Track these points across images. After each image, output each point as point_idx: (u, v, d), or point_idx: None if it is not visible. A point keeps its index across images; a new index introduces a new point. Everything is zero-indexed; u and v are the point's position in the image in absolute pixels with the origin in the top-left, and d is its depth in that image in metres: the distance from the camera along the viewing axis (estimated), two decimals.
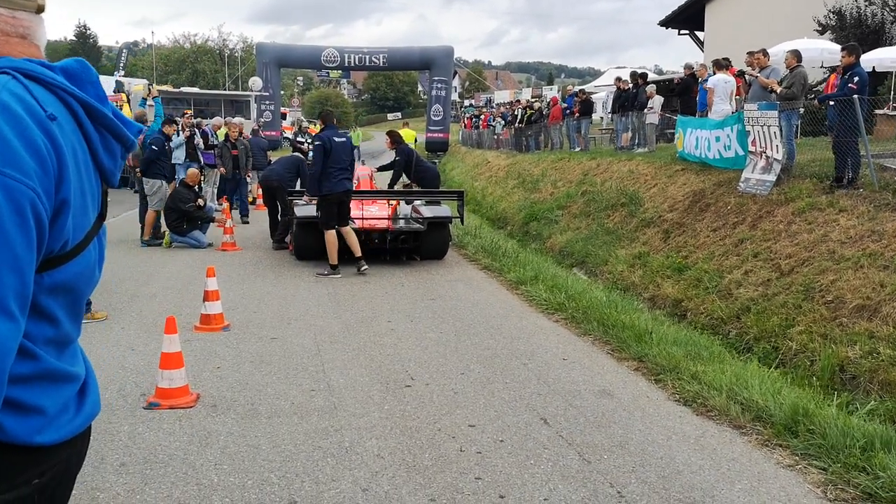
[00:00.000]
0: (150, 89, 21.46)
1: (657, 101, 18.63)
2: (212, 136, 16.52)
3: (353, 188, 10.41)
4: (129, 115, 23.20)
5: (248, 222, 15.09)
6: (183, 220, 12.16)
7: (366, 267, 10.08)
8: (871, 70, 15.85)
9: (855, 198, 9.62)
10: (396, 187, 12.74)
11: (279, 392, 5.42)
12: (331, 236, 9.93)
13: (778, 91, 11.54)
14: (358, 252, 10.06)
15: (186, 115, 16.64)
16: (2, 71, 1.34)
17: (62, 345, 1.46)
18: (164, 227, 12.54)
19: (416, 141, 23.75)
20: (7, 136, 1.25)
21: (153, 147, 12.54)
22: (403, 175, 12.79)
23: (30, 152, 1.27)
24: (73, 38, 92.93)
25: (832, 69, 14.85)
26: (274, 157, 18.01)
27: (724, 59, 15.72)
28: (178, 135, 16.45)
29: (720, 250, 10.71)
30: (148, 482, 3.96)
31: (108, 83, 36.07)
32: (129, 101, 28.36)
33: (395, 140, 12.70)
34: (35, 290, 1.31)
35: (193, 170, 12.51)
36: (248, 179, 16.01)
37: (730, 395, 5.21)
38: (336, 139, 9.93)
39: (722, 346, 7.84)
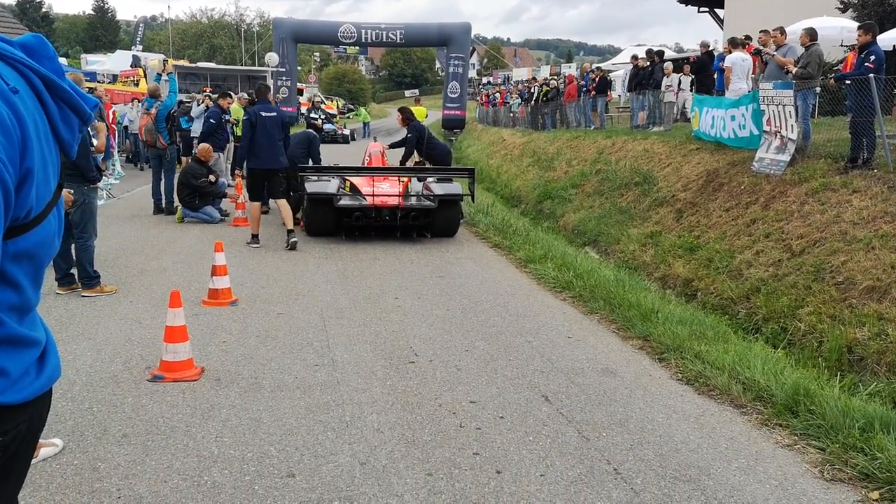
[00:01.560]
0: (164, 65, 21.55)
1: (675, 80, 18.44)
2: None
3: (282, 164, 10.29)
4: (145, 90, 23.31)
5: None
6: (195, 196, 12.22)
7: (295, 240, 10.13)
8: (892, 49, 15.61)
9: (869, 178, 9.51)
10: (407, 165, 12.72)
11: (283, 366, 5.47)
12: (253, 208, 10.35)
13: (793, 71, 11.39)
14: (290, 224, 10.23)
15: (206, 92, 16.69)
16: None
17: (24, 311, 1.51)
18: (176, 202, 12.61)
19: (426, 117, 23.63)
20: None
21: (210, 120, 12.97)
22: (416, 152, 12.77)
23: None
24: (92, 13, 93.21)
25: (852, 48, 14.63)
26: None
27: (745, 37, 15.54)
28: (198, 105, 16.51)
29: (732, 230, 10.65)
30: (149, 453, 4.02)
31: (125, 58, 36.22)
32: (145, 76, 28.47)
33: (407, 117, 12.66)
34: (0, 258, 1.36)
35: (206, 145, 12.54)
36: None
37: (732, 375, 5.21)
38: (264, 114, 10.01)
39: (730, 326, 7.82)
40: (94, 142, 7.49)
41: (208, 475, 3.80)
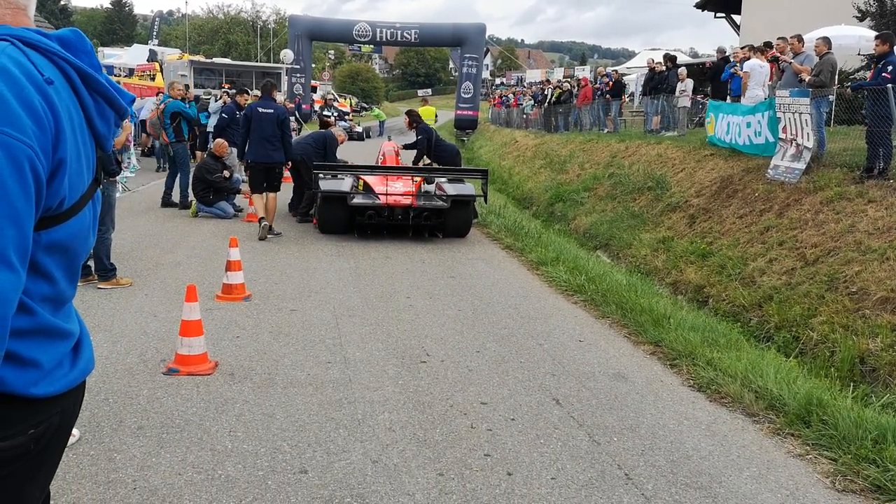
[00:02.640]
0: (186, 89, 21.86)
1: (689, 85, 18.41)
2: None
3: (273, 160, 10.45)
4: (161, 84, 23.45)
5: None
6: (210, 191, 12.27)
7: (268, 237, 10.36)
8: None
9: (885, 188, 9.47)
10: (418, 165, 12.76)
11: (296, 363, 5.50)
12: (255, 200, 10.54)
13: (806, 79, 11.35)
14: (269, 219, 10.51)
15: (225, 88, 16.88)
16: (1, 38, 1.41)
17: (58, 303, 1.53)
18: (191, 197, 12.68)
19: (435, 118, 23.65)
20: (6, 98, 1.31)
21: (223, 115, 13.29)
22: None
23: (28, 113, 1.33)
24: (110, 6, 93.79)
25: (869, 56, 14.56)
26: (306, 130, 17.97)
27: (765, 43, 15.47)
28: (217, 100, 16.65)
29: (745, 237, 10.62)
30: (164, 446, 4.05)
31: (142, 52, 36.31)
32: (161, 70, 28.57)
33: (414, 120, 12.73)
34: (33, 248, 1.38)
35: (221, 140, 12.60)
36: None
37: (744, 383, 5.20)
38: (260, 109, 10.22)
39: (742, 333, 7.81)
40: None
41: (222, 469, 3.83)
